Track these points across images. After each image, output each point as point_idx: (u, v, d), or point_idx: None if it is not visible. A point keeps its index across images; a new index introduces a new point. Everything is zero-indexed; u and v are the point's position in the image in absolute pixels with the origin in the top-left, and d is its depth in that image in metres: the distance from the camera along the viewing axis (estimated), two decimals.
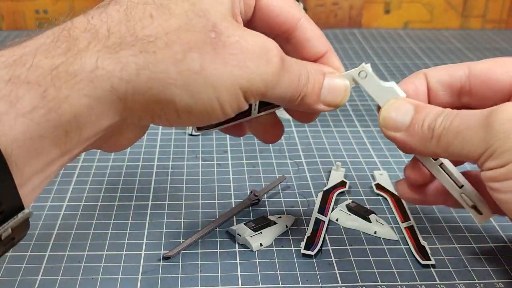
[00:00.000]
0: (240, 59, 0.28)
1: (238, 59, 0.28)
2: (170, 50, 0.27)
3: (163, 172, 0.47)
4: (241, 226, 0.39)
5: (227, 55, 0.28)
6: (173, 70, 0.27)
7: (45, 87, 0.24)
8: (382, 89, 0.34)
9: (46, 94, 0.24)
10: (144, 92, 0.27)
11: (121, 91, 0.26)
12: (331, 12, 0.86)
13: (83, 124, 0.26)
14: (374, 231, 0.39)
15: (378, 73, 0.69)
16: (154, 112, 0.28)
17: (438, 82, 0.35)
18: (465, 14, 0.88)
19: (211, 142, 0.52)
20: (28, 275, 0.36)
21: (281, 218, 0.41)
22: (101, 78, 0.26)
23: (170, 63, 0.27)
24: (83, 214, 0.42)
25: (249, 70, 0.28)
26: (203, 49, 0.27)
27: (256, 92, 0.29)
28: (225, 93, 0.28)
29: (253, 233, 0.39)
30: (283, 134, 0.37)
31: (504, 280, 0.36)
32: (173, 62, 0.27)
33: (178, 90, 0.27)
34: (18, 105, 0.24)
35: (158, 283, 0.35)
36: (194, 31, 0.27)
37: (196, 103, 0.28)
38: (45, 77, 0.24)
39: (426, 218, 0.42)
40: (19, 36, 0.27)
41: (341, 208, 0.42)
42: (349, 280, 0.36)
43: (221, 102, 0.28)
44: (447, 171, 0.34)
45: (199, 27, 0.27)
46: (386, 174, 0.47)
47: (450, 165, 0.34)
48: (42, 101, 0.24)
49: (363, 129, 0.55)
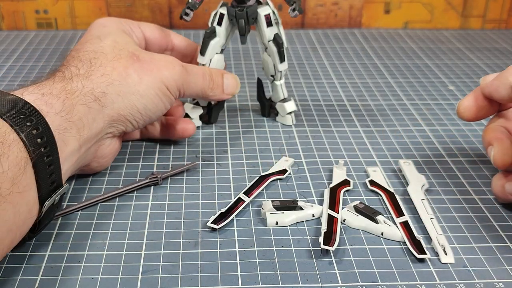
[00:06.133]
0: (158, 68, 0.45)
1: (157, 68, 0.44)
2: (117, 72, 0.42)
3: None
4: (267, 202, 0.42)
5: (150, 67, 0.44)
6: (125, 85, 0.42)
7: (63, 99, 0.38)
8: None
9: (64, 103, 0.38)
10: (115, 101, 0.42)
11: (102, 100, 0.41)
12: (331, 12, 0.86)
13: (86, 124, 0.39)
14: (381, 232, 0.40)
15: (378, 73, 0.69)
16: (126, 118, 0.43)
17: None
18: (465, 14, 0.88)
19: (211, 142, 0.52)
20: (28, 275, 0.36)
21: (312, 207, 0.42)
22: (88, 92, 0.40)
23: (121, 79, 0.42)
24: (83, 214, 0.42)
25: (165, 73, 0.45)
26: (133, 66, 0.43)
27: (173, 86, 0.45)
28: (157, 89, 0.44)
29: (273, 211, 0.41)
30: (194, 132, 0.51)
31: (504, 280, 0.36)
32: (122, 79, 0.42)
33: (134, 96, 0.43)
34: (53, 108, 0.37)
35: (158, 283, 0.35)
36: (122, 58, 0.43)
37: (148, 101, 0.44)
38: (60, 92, 0.39)
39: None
40: (19, 36, 0.29)
41: (348, 209, 0.42)
42: (349, 280, 0.36)
43: (159, 96, 0.44)
44: None
45: (124, 55, 0.44)
46: (379, 171, 0.47)
47: None
48: (63, 106, 0.38)
49: (363, 129, 0.55)
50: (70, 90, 0.39)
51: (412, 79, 0.67)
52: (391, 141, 0.53)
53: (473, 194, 0.45)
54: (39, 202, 0.35)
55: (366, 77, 0.68)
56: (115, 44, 0.44)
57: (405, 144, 0.52)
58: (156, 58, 0.45)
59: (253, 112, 0.58)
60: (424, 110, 0.59)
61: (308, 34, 0.84)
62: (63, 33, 0.82)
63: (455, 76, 0.69)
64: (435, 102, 0.61)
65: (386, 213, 0.42)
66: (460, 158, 0.50)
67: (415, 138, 0.53)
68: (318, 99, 0.62)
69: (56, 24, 0.84)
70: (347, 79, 0.67)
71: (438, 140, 0.53)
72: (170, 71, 0.45)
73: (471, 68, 0.71)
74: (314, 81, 0.66)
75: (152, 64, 0.44)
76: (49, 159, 0.35)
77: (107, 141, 0.44)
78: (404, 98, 0.62)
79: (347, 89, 0.64)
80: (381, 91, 0.64)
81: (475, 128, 0.55)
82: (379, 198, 0.44)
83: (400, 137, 0.53)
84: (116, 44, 0.45)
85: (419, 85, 0.66)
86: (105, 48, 0.44)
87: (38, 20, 0.84)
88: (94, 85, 0.41)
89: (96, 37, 0.45)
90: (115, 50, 0.44)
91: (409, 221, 0.41)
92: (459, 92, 0.64)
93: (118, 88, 0.42)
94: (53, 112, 0.37)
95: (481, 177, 0.47)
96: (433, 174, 0.47)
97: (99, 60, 0.43)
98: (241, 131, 0.54)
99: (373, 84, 0.66)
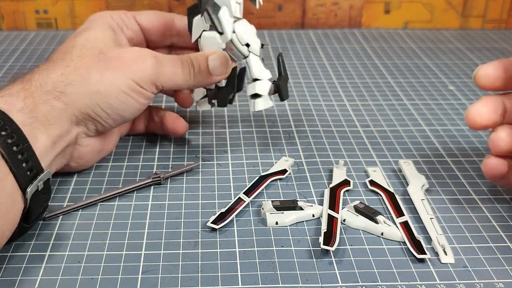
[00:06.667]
0: (125, 64, 0.43)
1: (124, 64, 0.43)
2: (78, 72, 0.42)
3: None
4: (267, 202, 0.42)
5: (115, 64, 0.42)
6: (85, 84, 0.41)
7: (23, 97, 0.39)
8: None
9: (25, 101, 0.39)
10: (76, 101, 0.41)
11: (64, 99, 0.40)
12: (331, 12, 0.86)
13: (53, 122, 0.39)
14: (381, 232, 0.39)
15: (378, 73, 0.69)
16: (91, 117, 0.42)
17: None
18: (465, 14, 0.88)
19: (211, 142, 0.52)
20: (28, 275, 0.36)
21: (312, 207, 0.42)
22: (47, 92, 0.40)
23: (82, 80, 0.41)
24: (83, 214, 0.42)
25: (133, 69, 0.43)
26: (97, 65, 0.42)
27: (145, 80, 0.43)
28: (123, 86, 0.42)
29: (273, 211, 0.40)
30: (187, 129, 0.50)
31: (504, 280, 0.36)
32: (82, 79, 0.41)
33: (95, 95, 0.41)
34: (14, 106, 0.38)
35: (158, 283, 0.35)
36: (87, 57, 0.42)
37: (112, 100, 0.42)
38: (19, 92, 0.39)
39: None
40: (19, 36, 0.30)
41: (348, 209, 0.42)
42: (349, 280, 0.36)
43: (126, 92, 0.42)
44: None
45: (89, 54, 0.43)
46: (379, 171, 0.47)
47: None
48: (24, 104, 0.38)
49: (363, 129, 0.55)
50: (29, 89, 0.40)
51: (412, 79, 0.67)
52: (391, 141, 0.53)
53: (473, 194, 0.45)
54: (20, 190, 0.36)
55: (366, 77, 0.68)
56: (85, 43, 0.44)
57: (405, 144, 0.52)
58: (125, 54, 0.43)
59: (253, 112, 0.58)
60: (424, 110, 0.59)
61: (308, 34, 0.84)
62: (63, 33, 0.82)
63: (455, 76, 0.69)
64: (435, 102, 0.61)
65: (386, 213, 0.42)
66: (460, 158, 0.50)
67: (415, 138, 0.53)
68: (318, 99, 0.62)
69: (56, 24, 0.84)
70: (347, 79, 0.67)
71: (438, 140, 0.53)
72: (139, 65, 0.43)
73: (471, 68, 0.71)
74: (314, 81, 0.66)
75: (119, 61, 0.43)
76: (19, 148, 0.36)
77: (84, 141, 0.44)
78: (404, 98, 0.62)
79: (347, 89, 0.64)
80: (381, 91, 0.64)
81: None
82: (379, 198, 0.44)
83: (400, 137, 0.53)
84: (87, 42, 0.44)
85: (419, 85, 0.66)
86: (74, 47, 0.43)
87: (38, 20, 0.84)
88: (53, 85, 0.41)
89: (74, 36, 0.46)
90: (82, 49, 0.43)
91: (409, 221, 0.41)
92: (459, 92, 0.64)
93: (78, 88, 0.41)
94: (15, 110, 0.37)
95: (481, 177, 0.47)
96: (433, 174, 0.47)
97: (64, 60, 0.42)
98: (241, 131, 0.54)
99: (373, 84, 0.66)
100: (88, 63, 0.42)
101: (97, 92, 0.41)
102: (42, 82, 0.40)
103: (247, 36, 0.46)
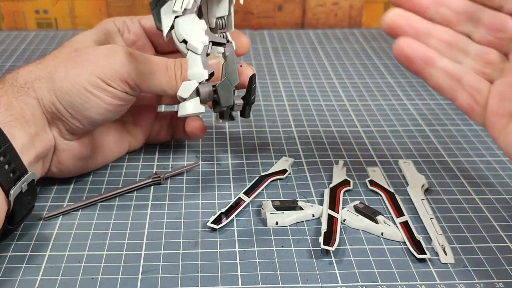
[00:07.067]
0: (93, 61, 0.41)
1: (93, 60, 0.41)
2: (46, 69, 0.41)
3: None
4: (267, 202, 0.42)
5: (83, 61, 0.41)
6: (51, 81, 0.40)
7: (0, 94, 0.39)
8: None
9: (2, 99, 0.39)
10: (43, 98, 0.40)
11: (33, 95, 0.40)
12: (331, 12, 0.86)
13: (28, 118, 0.39)
14: (381, 232, 0.39)
15: (378, 73, 0.69)
16: (57, 116, 0.41)
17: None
18: None
19: (211, 142, 0.52)
20: (28, 275, 0.36)
21: (312, 207, 0.42)
22: (19, 89, 0.40)
23: (48, 76, 0.41)
24: (83, 214, 0.42)
25: (100, 64, 0.40)
26: (66, 63, 0.41)
27: (113, 77, 0.40)
28: (86, 83, 0.40)
29: (273, 211, 0.40)
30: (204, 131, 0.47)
31: (504, 280, 0.36)
32: (49, 75, 0.41)
33: (58, 92, 0.40)
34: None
35: (158, 283, 0.35)
36: (60, 55, 0.42)
37: (74, 99, 0.40)
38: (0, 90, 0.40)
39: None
40: (19, 36, 0.30)
41: (348, 209, 0.42)
42: (349, 280, 0.36)
43: (88, 90, 0.40)
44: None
45: (63, 52, 0.42)
46: (379, 171, 0.47)
47: None
48: (0, 103, 0.38)
49: (363, 129, 0.55)
50: (2, 88, 0.40)
51: (412, 79, 0.67)
52: (391, 141, 0.53)
53: (473, 194, 0.45)
54: (3, 192, 0.36)
55: (366, 77, 0.68)
56: (67, 43, 0.44)
57: (405, 144, 0.52)
58: (96, 51, 0.42)
59: (253, 112, 0.58)
60: (424, 110, 0.59)
61: (308, 34, 0.84)
62: (63, 33, 0.82)
63: None
64: (435, 102, 0.61)
65: (386, 213, 0.42)
66: (460, 158, 0.50)
67: (415, 138, 0.53)
68: (318, 99, 0.62)
69: (56, 24, 0.84)
70: (347, 79, 0.67)
71: (438, 140, 0.53)
72: (107, 61, 0.40)
73: None
74: (314, 81, 0.66)
75: (88, 58, 0.41)
76: (1, 150, 0.36)
77: (61, 145, 0.42)
78: (404, 98, 0.62)
79: (347, 89, 0.64)
80: (381, 91, 0.64)
81: (475, 128, 0.55)
82: (379, 198, 0.44)
83: (400, 137, 0.53)
84: (70, 42, 0.44)
85: (419, 85, 0.66)
86: (56, 50, 0.43)
87: (38, 20, 0.84)
88: (23, 80, 0.41)
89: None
90: (61, 49, 0.43)
91: (409, 221, 0.41)
92: None
93: (44, 83, 0.40)
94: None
95: (481, 177, 0.47)
96: (433, 174, 0.47)
97: (40, 60, 0.43)
98: (241, 131, 0.54)
99: (373, 84, 0.66)
100: (59, 61, 0.41)
101: (60, 89, 0.40)
102: (13, 80, 0.41)
103: (185, 32, 0.38)
